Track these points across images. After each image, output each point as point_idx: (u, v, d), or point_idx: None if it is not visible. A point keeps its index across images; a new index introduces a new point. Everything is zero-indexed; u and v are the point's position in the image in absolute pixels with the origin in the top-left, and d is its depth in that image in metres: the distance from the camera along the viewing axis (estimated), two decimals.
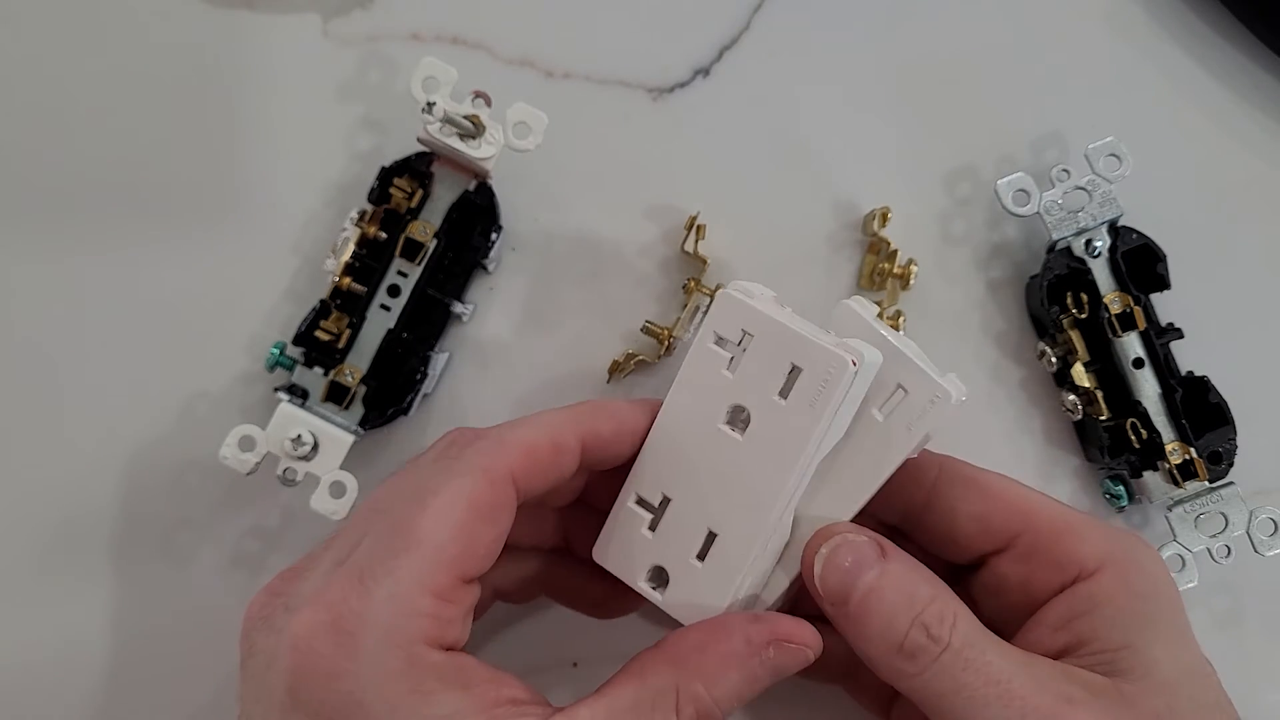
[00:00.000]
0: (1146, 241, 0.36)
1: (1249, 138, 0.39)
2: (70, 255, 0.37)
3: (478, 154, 0.34)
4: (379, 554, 0.25)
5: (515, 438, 0.27)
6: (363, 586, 0.24)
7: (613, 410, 0.29)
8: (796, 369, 0.27)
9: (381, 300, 0.35)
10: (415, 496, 0.26)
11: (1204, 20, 0.40)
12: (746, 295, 0.28)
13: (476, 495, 0.26)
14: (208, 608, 0.36)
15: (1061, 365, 0.36)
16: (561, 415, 0.28)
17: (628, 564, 0.29)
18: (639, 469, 0.29)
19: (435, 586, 0.25)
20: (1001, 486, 0.30)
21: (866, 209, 0.38)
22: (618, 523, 0.29)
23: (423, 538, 0.25)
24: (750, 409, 0.27)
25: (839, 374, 0.26)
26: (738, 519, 0.28)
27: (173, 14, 0.38)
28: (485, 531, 0.26)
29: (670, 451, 0.28)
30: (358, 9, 0.39)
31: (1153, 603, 0.27)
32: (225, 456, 0.33)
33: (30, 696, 0.36)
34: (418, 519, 0.25)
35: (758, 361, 0.27)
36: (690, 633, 0.27)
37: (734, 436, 0.27)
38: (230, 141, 0.38)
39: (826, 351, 0.26)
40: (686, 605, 0.28)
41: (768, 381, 0.27)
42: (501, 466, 0.26)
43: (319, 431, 0.34)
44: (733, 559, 0.28)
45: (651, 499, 0.29)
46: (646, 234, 0.38)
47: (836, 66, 0.39)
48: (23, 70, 0.38)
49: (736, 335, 0.27)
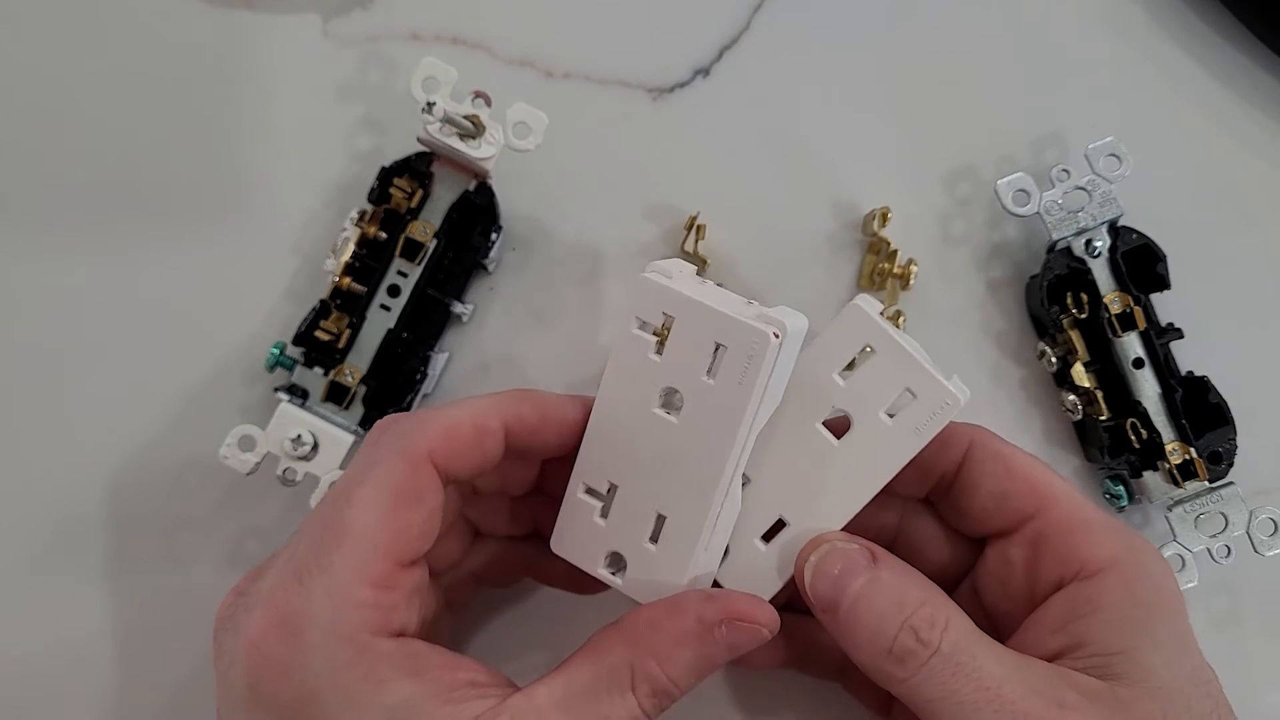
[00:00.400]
0: (1146, 241, 0.36)
1: (1249, 138, 0.39)
2: (70, 255, 0.37)
3: (478, 154, 0.34)
4: (314, 551, 0.25)
5: (433, 419, 0.27)
6: (301, 585, 0.25)
7: (538, 398, 0.29)
8: (721, 347, 0.27)
9: (381, 300, 0.35)
10: (342, 490, 0.26)
11: (1204, 20, 0.40)
12: (664, 276, 0.28)
13: (397, 480, 0.26)
14: (207, 607, 0.36)
15: (1061, 365, 0.36)
16: (485, 399, 0.28)
17: (584, 553, 0.29)
18: (583, 459, 0.29)
19: (371, 576, 0.25)
20: (1028, 467, 0.30)
21: (866, 209, 0.38)
22: (569, 513, 0.30)
23: (351, 529, 0.25)
24: (681, 390, 0.27)
25: (762, 347, 0.26)
26: (684, 500, 0.28)
27: (173, 14, 0.38)
28: (412, 514, 0.26)
29: (610, 439, 0.29)
30: (358, 9, 0.39)
31: (1155, 610, 0.27)
32: (225, 456, 0.33)
33: (30, 696, 0.36)
34: (345, 511, 0.26)
35: (682, 343, 0.27)
36: (644, 611, 0.27)
37: (669, 419, 0.28)
38: (230, 141, 0.38)
39: (746, 327, 0.26)
40: (645, 587, 0.29)
41: (695, 362, 0.27)
42: (419, 448, 0.26)
43: (319, 431, 0.34)
44: (684, 539, 0.28)
45: (599, 487, 0.29)
46: (646, 234, 0.38)
47: (836, 66, 0.39)
48: (23, 70, 0.38)
49: (659, 318, 0.27)
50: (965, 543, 0.31)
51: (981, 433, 0.30)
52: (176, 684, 0.36)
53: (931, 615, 0.26)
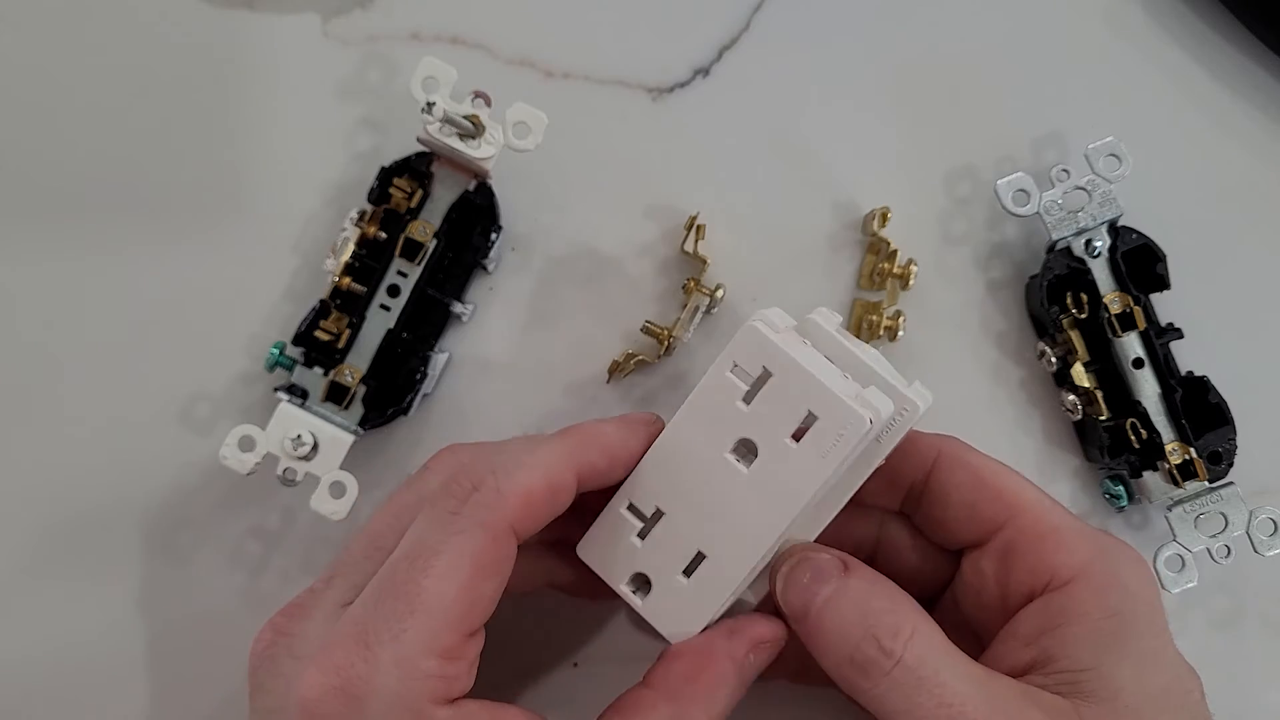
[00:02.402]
0: (1146, 241, 0.36)
1: (1249, 138, 0.39)
2: (70, 255, 0.37)
3: (477, 154, 0.34)
4: (383, 615, 0.25)
5: (514, 488, 0.26)
6: (369, 650, 0.24)
7: (606, 440, 0.29)
8: (812, 416, 0.26)
9: (381, 300, 0.35)
10: (417, 554, 0.25)
11: (1204, 20, 0.40)
12: (770, 328, 0.27)
13: (479, 553, 0.25)
14: (208, 608, 0.36)
15: (1061, 365, 0.36)
16: (556, 452, 0.28)
17: (611, 566, 0.29)
18: (636, 478, 0.29)
19: (441, 647, 0.25)
20: (996, 476, 0.29)
21: (866, 209, 0.38)
22: (607, 525, 0.29)
23: (427, 599, 0.25)
24: (759, 445, 0.27)
25: (855, 429, 0.26)
26: (729, 547, 0.28)
27: (172, 14, 0.38)
28: (488, 586, 0.26)
29: (671, 468, 0.28)
30: (358, 9, 0.39)
31: (1126, 620, 0.26)
32: (225, 456, 0.33)
33: (30, 696, 0.36)
34: (420, 580, 0.25)
35: (774, 401, 0.27)
36: (675, 664, 0.28)
37: (738, 467, 0.27)
38: (230, 141, 0.38)
39: (846, 407, 0.26)
40: (665, 616, 0.29)
41: (781, 422, 0.27)
42: (502, 521, 0.26)
43: (319, 431, 0.34)
44: (719, 584, 0.28)
45: (645, 509, 0.29)
46: (646, 234, 0.38)
47: (836, 66, 0.39)
48: (23, 70, 0.38)
49: (756, 369, 0.27)
50: (943, 554, 0.31)
51: (951, 443, 0.30)
52: (176, 684, 0.36)
53: (896, 624, 0.26)
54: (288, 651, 0.26)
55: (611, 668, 0.31)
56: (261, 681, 0.27)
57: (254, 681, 0.27)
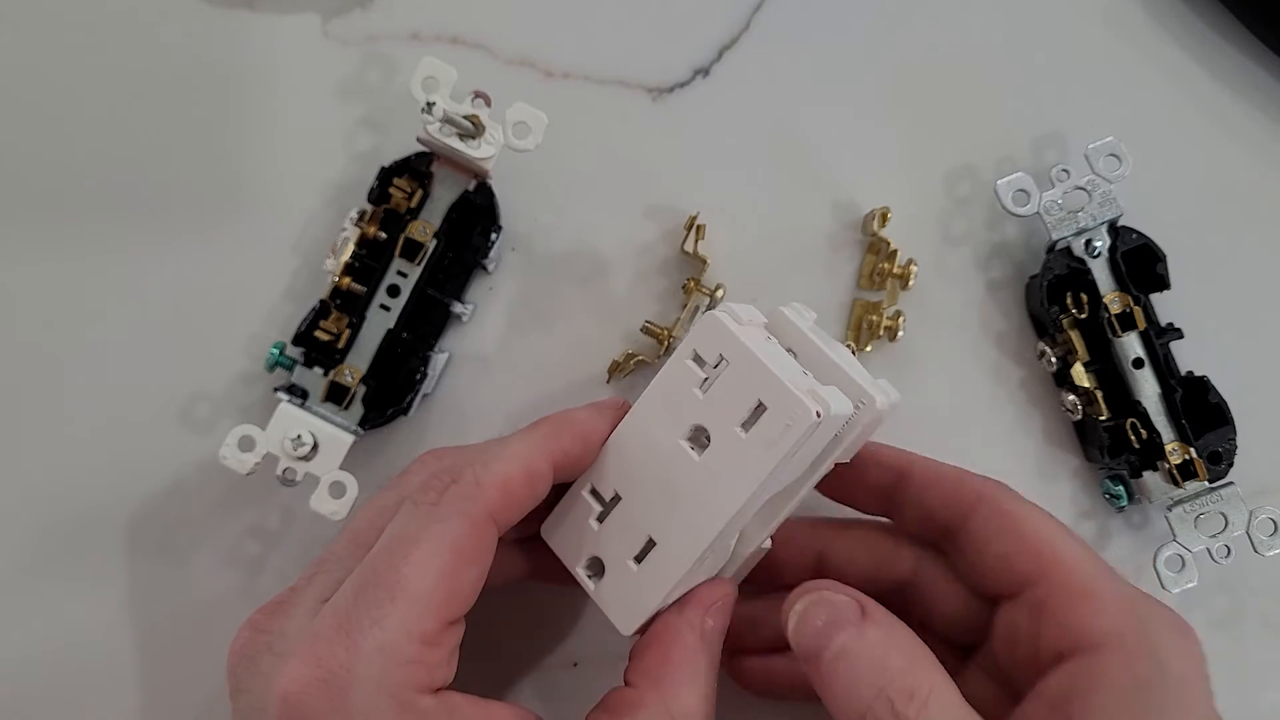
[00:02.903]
0: (1146, 241, 0.36)
1: (1249, 138, 0.39)
2: (70, 255, 0.37)
3: (477, 154, 0.34)
4: (364, 604, 0.25)
5: (491, 478, 0.27)
6: (350, 639, 0.24)
7: (578, 427, 0.29)
8: (762, 406, 0.27)
9: (381, 300, 0.35)
10: (397, 544, 0.26)
11: (1204, 20, 0.40)
12: (734, 319, 0.27)
13: (459, 540, 0.26)
14: (207, 608, 0.36)
15: (1061, 365, 0.36)
16: (531, 441, 0.28)
17: (570, 548, 0.30)
18: (599, 462, 0.29)
19: (422, 633, 0.25)
20: (1035, 527, 0.28)
21: (866, 209, 0.38)
22: (569, 507, 0.30)
23: (407, 586, 0.25)
24: (711, 433, 0.27)
25: (801, 422, 0.26)
26: (677, 534, 0.28)
27: (173, 14, 0.38)
28: (468, 573, 0.26)
29: (629, 453, 0.29)
30: (357, 9, 0.39)
31: (1157, 692, 0.25)
32: (225, 456, 0.33)
33: (29, 695, 0.36)
34: (400, 567, 0.25)
35: (728, 389, 0.27)
36: (645, 655, 0.28)
37: (691, 454, 0.28)
38: (230, 142, 0.38)
39: (794, 397, 0.26)
40: (615, 601, 0.29)
41: (733, 411, 0.27)
42: (481, 510, 0.26)
43: (319, 431, 0.34)
44: (665, 571, 0.28)
45: (604, 493, 0.29)
46: (646, 234, 0.38)
47: (836, 66, 0.39)
48: (23, 70, 0.38)
49: (714, 358, 0.27)
50: (983, 599, 0.30)
51: (993, 487, 0.29)
52: (176, 684, 0.36)
53: (912, 686, 0.25)
54: (268, 649, 0.26)
55: (611, 668, 0.30)
56: (241, 681, 0.26)
57: (233, 682, 0.27)
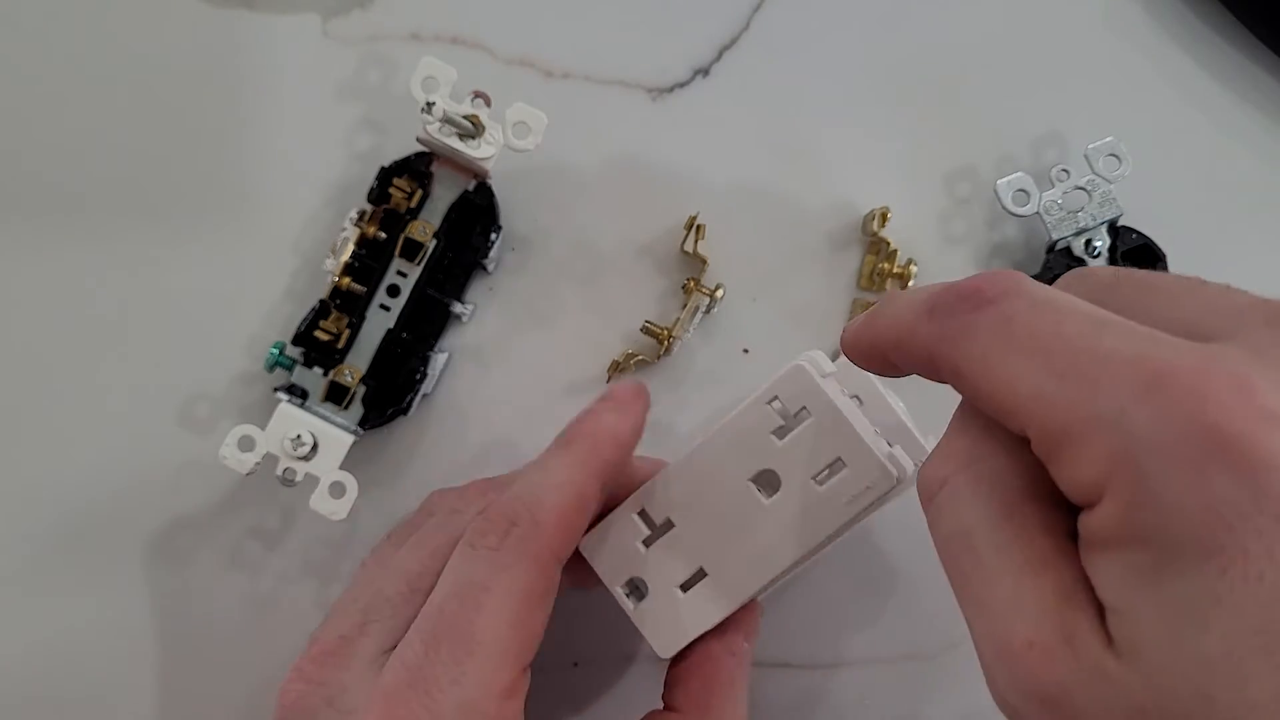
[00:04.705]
0: (1146, 241, 0.36)
1: (1249, 138, 0.39)
2: (70, 255, 0.37)
3: (477, 154, 0.34)
4: (441, 660, 0.24)
5: (548, 515, 0.26)
6: (428, 696, 0.24)
7: (611, 433, 0.28)
8: (840, 462, 0.27)
9: (381, 300, 0.35)
10: (467, 592, 0.25)
11: (1204, 20, 0.40)
12: (817, 370, 0.27)
13: (529, 586, 0.25)
14: (207, 607, 0.36)
15: None
16: (575, 465, 0.27)
17: (612, 567, 0.30)
18: (654, 487, 0.29)
19: (501, 688, 0.24)
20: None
21: (866, 209, 0.38)
22: (614, 526, 0.29)
23: (483, 639, 0.24)
24: (783, 479, 0.27)
25: (880, 485, 0.26)
26: (732, 571, 0.28)
27: (172, 14, 0.38)
28: (539, 618, 0.26)
29: (691, 483, 0.29)
30: (357, 9, 0.39)
31: (1165, 551, 0.16)
32: (225, 456, 0.33)
33: (29, 696, 0.36)
34: (474, 618, 0.25)
35: (807, 441, 0.27)
36: (690, 683, 0.28)
37: (758, 496, 0.28)
38: (230, 141, 0.38)
39: (876, 462, 0.26)
40: (655, 624, 0.29)
41: (809, 463, 0.27)
42: (545, 550, 0.26)
43: (318, 431, 0.34)
44: (713, 604, 0.28)
45: (656, 518, 0.29)
46: (646, 234, 0.38)
47: (836, 66, 0.39)
48: (22, 70, 0.38)
49: (795, 407, 0.27)
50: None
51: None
52: (175, 683, 0.36)
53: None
54: (326, 703, 0.25)
55: (611, 668, 0.31)
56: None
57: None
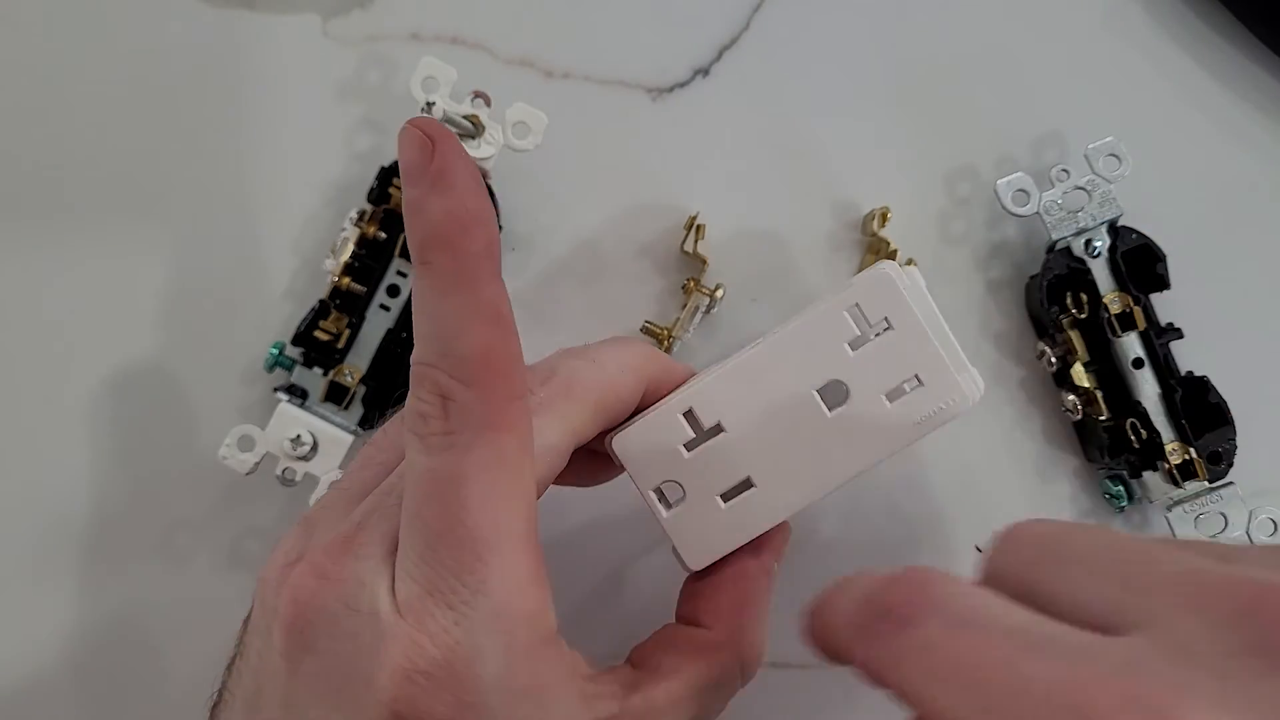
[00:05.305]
0: (1146, 241, 0.36)
1: (1249, 138, 0.39)
2: (69, 254, 0.37)
3: (477, 154, 0.34)
4: (451, 570, 0.22)
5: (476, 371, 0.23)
6: (457, 613, 0.22)
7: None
8: (918, 381, 0.26)
9: (381, 300, 0.35)
10: (441, 492, 0.22)
11: (1204, 20, 0.40)
12: (903, 282, 0.26)
13: (502, 456, 0.23)
14: (207, 608, 0.36)
15: (1061, 365, 0.36)
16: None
17: (645, 466, 0.27)
18: (705, 386, 0.27)
19: (525, 576, 0.22)
20: None
21: (866, 209, 0.38)
22: (654, 424, 0.27)
23: (486, 536, 0.22)
24: (852, 392, 0.26)
25: (956, 407, 0.26)
26: (781, 484, 0.27)
27: (172, 14, 0.38)
28: (529, 481, 0.23)
29: (749, 387, 0.27)
30: (357, 9, 0.39)
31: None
32: (225, 456, 0.33)
33: (28, 696, 0.36)
34: (464, 518, 0.22)
35: (884, 355, 0.26)
36: (721, 597, 0.27)
37: (821, 407, 0.26)
38: (230, 141, 0.38)
39: (955, 383, 0.26)
40: (688, 534, 0.27)
41: (883, 378, 0.26)
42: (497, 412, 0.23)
43: (318, 431, 0.34)
44: (755, 517, 0.27)
45: (704, 420, 0.27)
46: (646, 234, 0.38)
47: (836, 66, 0.39)
48: (22, 70, 0.38)
49: (876, 318, 0.26)
50: None
51: None
52: (176, 684, 0.36)
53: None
54: (342, 603, 0.22)
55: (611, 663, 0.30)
56: (315, 640, 0.22)
57: (302, 638, 0.22)
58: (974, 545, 0.37)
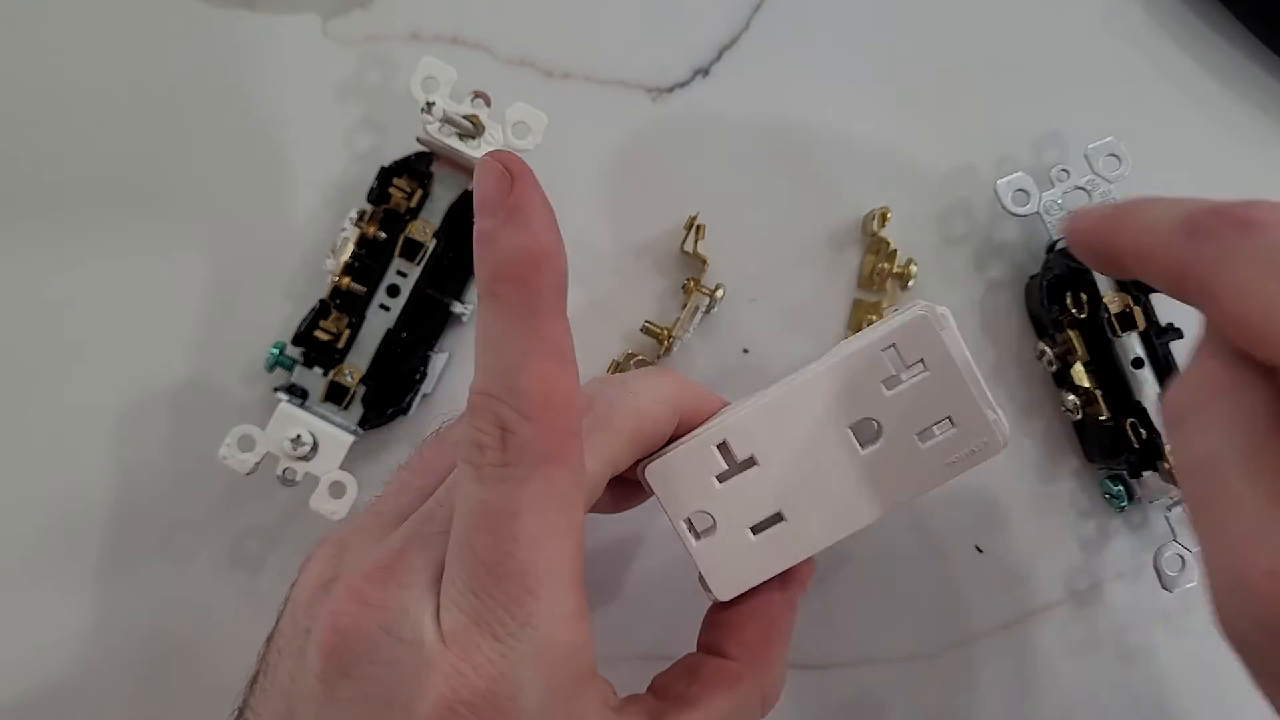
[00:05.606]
0: None
1: (1249, 138, 0.39)
2: (69, 255, 0.37)
3: (477, 154, 0.34)
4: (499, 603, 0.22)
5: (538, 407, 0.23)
6: (502, 644, 0.22)
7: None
8: (949, 422, 0.26)
9: (381, 300, 0.35)
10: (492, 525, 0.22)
11: (1204, 20, 0.40)
12: (939, 325, 0.27)
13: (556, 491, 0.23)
14: (207, 607, 0.36)
15: (1061, 365, 0.36)
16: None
17: (677, 497, 0.28)
18: (740, 419, 0.27)
19: (570, 611, 0.22)
20: None
21: (866, 209, 0.38)
22: (688, 455, 0.27)
23: (538, 572, 0.22)
24: (885, 431, 0.27)
25: (988, 450, 0.26)
26: (811, 519, 0.27)
27: (172, 14, 0.38)
28: (579, 518, 0.23)
29: (783, 421, 0.27)
30: (357, 9, 0.39)
31: None
32: (225, 456, 0.33)
33: (28, 696, 0.36)
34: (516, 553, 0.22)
35: (919, 396, 0.27)
36: (747, 631, 0.27)
37: (853, 444, 0.27)
38: (230, 141, 0.38)
39: (988, 426, 0.26)
40: (717, 564, 0.28)
41: (917, 418, 0.27)
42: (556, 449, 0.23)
43: (318, 431, 0.34)
44: (784, 551, 0.27)
45: (738, 453, 0.27)
46: (646, 234, 0.38)
47: (836, 66, 0.39)
48: (22, 70, 0.38)
49: (912, 358, 0.27)
50: None
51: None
52: (176, 683, 0.36)
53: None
54: (384, 630, 0.22)
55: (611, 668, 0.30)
56: (354, 665, 0.22)
57: (340, 663, 0.22)
58: (974, 545, 0.37)
